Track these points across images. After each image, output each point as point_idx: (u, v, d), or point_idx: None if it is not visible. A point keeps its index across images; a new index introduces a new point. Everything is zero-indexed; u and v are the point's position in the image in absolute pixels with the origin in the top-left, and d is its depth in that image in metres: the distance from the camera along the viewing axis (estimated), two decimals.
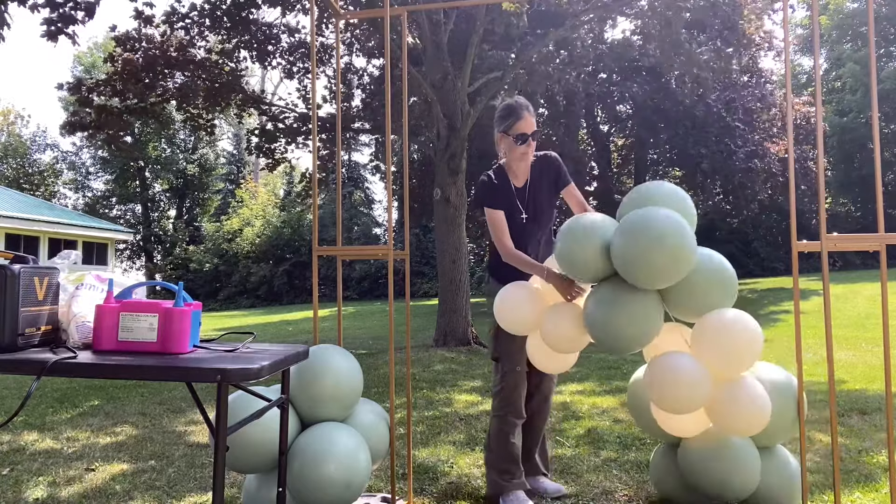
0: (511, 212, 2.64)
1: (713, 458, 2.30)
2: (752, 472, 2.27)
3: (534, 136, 2.61)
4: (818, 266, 14.46)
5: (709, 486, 2.32)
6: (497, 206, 2.61)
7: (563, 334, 2.37)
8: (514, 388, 2.62)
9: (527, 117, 2.58)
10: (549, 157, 2.74)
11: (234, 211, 29.81)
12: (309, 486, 2.12)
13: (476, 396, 4.98)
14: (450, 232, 8.52)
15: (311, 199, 13.18)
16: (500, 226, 2.60)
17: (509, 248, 2.57)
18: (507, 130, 2.60)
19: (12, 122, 33.74)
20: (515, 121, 2.58)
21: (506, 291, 2.52)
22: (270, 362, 1.54)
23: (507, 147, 2.63)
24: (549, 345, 2.45)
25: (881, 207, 2.16)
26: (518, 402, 2.63)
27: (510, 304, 2.50)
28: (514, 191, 2.67)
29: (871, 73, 2.10)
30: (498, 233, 2.60)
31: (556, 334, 2.39)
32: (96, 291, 1.75)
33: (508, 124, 2.59)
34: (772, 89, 15.71)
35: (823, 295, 2.12)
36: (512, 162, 2.66)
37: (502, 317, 2.51)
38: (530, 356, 2.62)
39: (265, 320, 16.03)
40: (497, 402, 2.66)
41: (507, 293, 2.51)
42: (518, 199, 2.66)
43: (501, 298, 2.51)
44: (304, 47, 10.85)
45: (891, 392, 1.98)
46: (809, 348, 6.72)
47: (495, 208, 2.61)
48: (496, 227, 2.60)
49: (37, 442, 3.89)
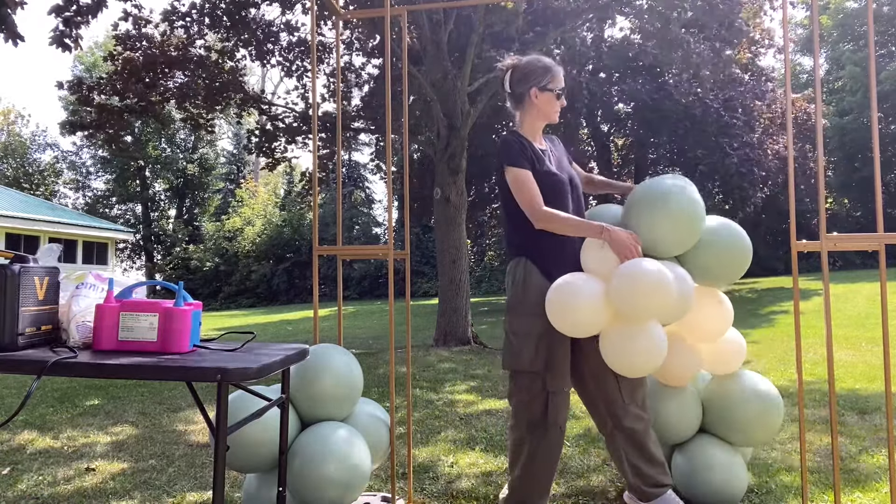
0: (552, 174, 2.32)
1: (704, 468, 2.43)
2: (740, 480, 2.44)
3: (563, 92, 2.43)
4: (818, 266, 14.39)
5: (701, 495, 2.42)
6: (524, 165, 2.26)
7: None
8: (559, 412, 2.24)
9: (559, 71, 2.40)
10: (554, 138, 2.57)
11: (235, 211, 29.82)
12: (309, 485, 2.12)
13: (476, 396, 4.98)
14: (450, 231, 8.52)
15: (311, 198, 13.11)
16: (531, 185, 2.22)
17: (543, 210, 2.19)
18: (546, 86, 2.35)
19: (12, 121, 33.74)
20: (554, 76, 2.37)
21: (568, 281, 2.11)
22: (270, 362, 1.54)
23: (544, 103, 2.37)
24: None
25: (880, 207, 2.16)
26: (563, 433, 2.27)
27: (580, 299, 2.05)
28: (541, 153, 2.36)
29: (870, 73, 2.10)
30: (527, 194, 2.21)
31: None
32: (96, 291, 1.75)
33: (547, 79, 2.35)
34: (772, 87, 15.70)
35: (823, 295, 2.12)
36: (537, 121, 2.40)
37: (564, 314, 2.07)
38: (611, 356, 2.11)
39: (265, 320, 16.03)
40: (540, 433, 2.22)
41: (570, 283, 2.09)
42: (551, 162, 2.38)
43: (562, 290, 2.08)
44: (304, 45, 10.85)
45: (891, 392, 1.98)
46: (809, 348, 6.72)
47: (522, 167, 2.25)
48: (526, 187, 2.22)
49: (37, 441, 3.89)
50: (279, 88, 36.95)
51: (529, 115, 2.40)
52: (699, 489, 2.43)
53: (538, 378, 2.21)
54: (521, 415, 2.26)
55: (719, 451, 2.45)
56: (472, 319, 8.66)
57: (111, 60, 10.11)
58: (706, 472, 2.41)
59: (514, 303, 2.29)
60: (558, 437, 2.25)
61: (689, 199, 2.20)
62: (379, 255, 2.62)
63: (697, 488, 2.43)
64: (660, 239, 2.21)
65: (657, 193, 2.22)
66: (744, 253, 2.30)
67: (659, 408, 2.48)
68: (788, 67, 2.29)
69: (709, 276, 2.32)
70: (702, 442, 2.50)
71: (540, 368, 2.20)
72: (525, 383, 2.24)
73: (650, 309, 1.97)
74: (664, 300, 1.97)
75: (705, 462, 2.43)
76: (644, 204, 2.24)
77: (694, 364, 2.42)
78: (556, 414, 2.22)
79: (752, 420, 2.41)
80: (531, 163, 2.28)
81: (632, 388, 2.26)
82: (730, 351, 2.48)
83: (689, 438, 2.53)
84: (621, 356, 2.07)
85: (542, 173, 2.28)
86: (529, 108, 2.39)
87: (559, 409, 2.22)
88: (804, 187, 15.56)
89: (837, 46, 23.55)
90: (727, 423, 2.46)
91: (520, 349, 2.24)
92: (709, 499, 2.42)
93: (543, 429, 2.23)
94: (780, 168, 14.97)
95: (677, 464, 2.52)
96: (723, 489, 2.41)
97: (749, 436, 2.45)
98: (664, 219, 2.19)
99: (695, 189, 2.29)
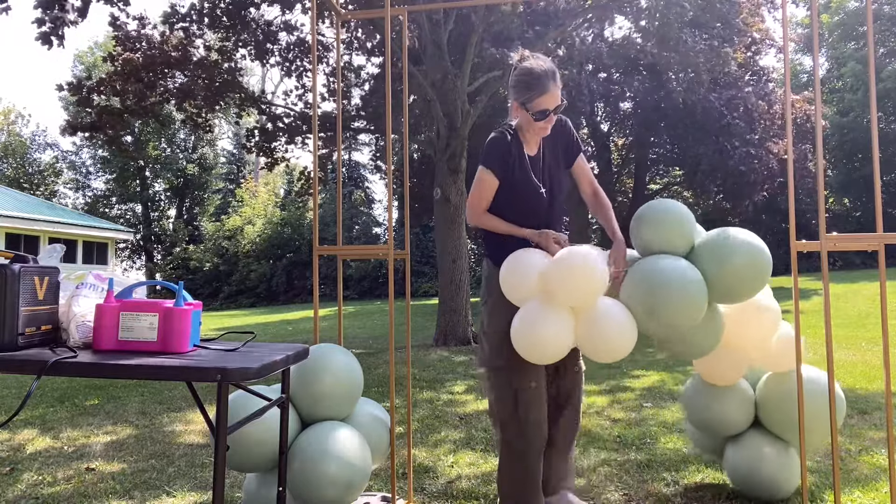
0: (527, 186, 2.26)
1: (759, 459, 2.49)
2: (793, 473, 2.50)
3: (556, 111, 2.19)
4: (818, 266, 14.44)
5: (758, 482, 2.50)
6: (495, 171, 2.23)
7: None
8: (529, 408, 2.17)
9: (552, 90, 2.14)
10: (561, 121, 2.35)
11: (235, 210, 29.82)
12: (309, 485, 2.12)
13: (476, 396, 4.98)
14: (450, 231, 8.52)
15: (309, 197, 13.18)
16: (483, 188, 2.24)
17: (481, 211, 2.26)
18: (526, 104, 2.17)
19: (12, 121, 33.73)
20: (538, 95, 2.15)
21: (517, 256, 2.15)
22: (270, 362, 1.54)
23: (523, 120, 2.24)
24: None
25: (880, 207, 2.16)
26: (538, 428, 2.19)
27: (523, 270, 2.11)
28: (527, 161, 2.27)
29: (870, 73, 2.10)
30: (476, 195, 2.26)
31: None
32: (96, 291, 1.75)
33: (528, 98, 2.16)
34: (773, 87, 15.69)
35: (823, 295, 2.12)
36: (526, 131, 2.28)
37: (510, 287, 2.13)
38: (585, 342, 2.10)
39: (265, 320, 16.03)
40: (513, 430, 2.19)
41: (518, 258, 2.14)
42: (533, 172, 2.28)
43: (512, 265, 2.14)
44: (303, 45, 10.85)
45: (891, 392, 1.98)
46: (809, 348, 6.72)
47: (492, 171, 2.23)
48: (479, 187, 2.25)
49: (37, 441, 3.89)
50: (279, 88, 36.96)
51: (519, 122, 2.30)
52: (750, 480, 2.50)
53: (503, 375, 2.21)
54: (494, 413, 2.27)
55: (769, 446, 2.50)
56: (472, 319, 8.66)
57: (111, 61, 10.12)
58: (757, 463, 2.48)
59: (482, 302, 2.37)
60: (534, 432, 2.19)
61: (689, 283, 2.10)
62: (379, 255, 2.62)
63: (748, 480, 2.51)
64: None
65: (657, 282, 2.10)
66: (764, 268, 2.20)
67: (710, 404, 2.54)
68: (788, 67, 2.29)
69: (733, 297, 2.25)
70: (755, 436, 2.55)
71: (503, 365, 2.20)
72: (493, 381, 2.25)
73: (578, 283, 2.00)
74: (591, 276, 2.00)
75: (756, 455, 2.49)
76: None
77: (740, 365, 2.47)
78: (526, 410, 2.18)
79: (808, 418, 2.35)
80: (504, 169, 2.24)
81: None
82: (782, 349, 2.48)
83: (743, 432, 2.58)
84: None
85: (514, 180, 2.25)
86: (514, 117, 2.31)
87: (529, 405, 2.18)
88: (804, 187, 15.55)
89: (839, 45, 23.54)
90: (780, 421, 2.49)
91: (486, 347, 2.28)
92: (760, 491, 2.50)
93: (517, 425, 2.20)
94: (780, 168, 14.97)
95: (728, 456, 2.60)
96: (773, 483, 2.46)
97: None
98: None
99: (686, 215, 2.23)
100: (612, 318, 2.06)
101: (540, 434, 2.21)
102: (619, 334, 2.04)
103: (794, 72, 24.36)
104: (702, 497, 2.61)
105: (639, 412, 4.21)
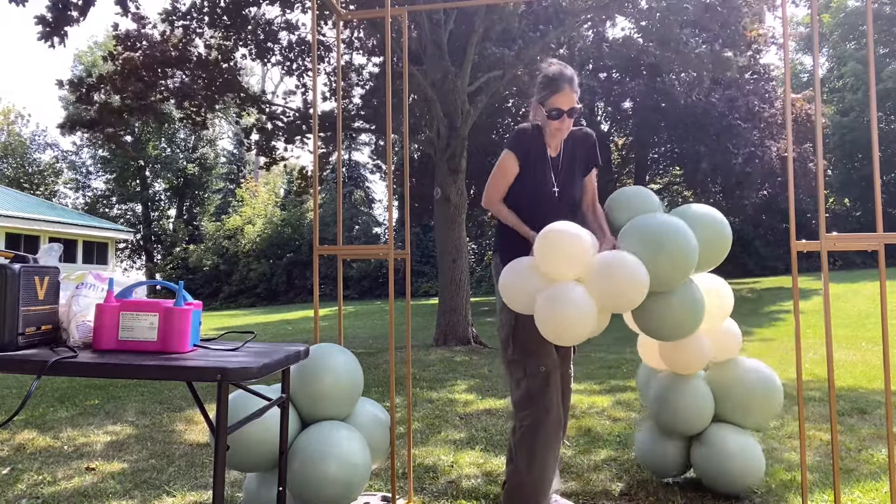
0: (542, 182, 2.36)
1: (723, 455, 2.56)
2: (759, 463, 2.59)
3: (570, 114, 2.32)
4: (818, 265, 14.44)
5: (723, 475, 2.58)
6: (518, 155, 2.34)
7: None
8: (544, 388, 2.24)
9: (566, 91, 2.30)
10: (586, 133, 2.50)
11: (235, 210, 29.83)
12: (309, 485, 2.12)
13: (476, 395, 4.99)
14: (450, 231, 8.52)
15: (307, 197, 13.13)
16: (505, 173, 2.35)
17: (498, 197, 2.38)
18: (542, 102, 2.34)
19: (12, 121, 33.73)
20: (552, 93, 2.31)
21: (515, 265, 2.22)
22: (270, 361, 1.54)
23: (541, 119, 2.38)
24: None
25: (880, 207, 2.16)
26: (554, 404, 2.25)
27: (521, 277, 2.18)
28: (548, 159, 2.39)
29: (870, 73, 2.10)
30: (497, 178, 2.37)
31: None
32: (96, 291, 1.75)
33: (544, 95, 2.33)
34: (773, 86, 15.69)
35: (823, 294, 2.12)
36: (545, 132, 2.40)
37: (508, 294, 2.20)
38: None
39: (265, 320, 16.03)
40: (529, 410, 2.25)
41: (516, 266, 2.21)
42: (552, 170, 2.39)
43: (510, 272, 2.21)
44: (304, 45, 10.84)
45: (891, 391, 1.98)
46: (809, 348, 6.72)
47: (515, 154, 2.34)
48: (501, 171, 2.36)
49: (37, 441, 3.89)
50: (279, 88, 36.94)
51: (541, 122, 2.40)
52: (721, 478, 2.57)
53: (520, 365, 2.31)
54: (514, 401, 2.37)
55: (734, 436, 2.57)
56: (472, 319, 8.67)
57: (111, 60, 10.12)
58: (727, 460, 2.54)
59: (496, 297, 2.44)
60: (543, 418, 2.22)
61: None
62: (379, 254, 2.62)
63: (719, 477, 2.57)
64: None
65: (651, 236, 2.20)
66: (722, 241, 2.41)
67: (675, 400, 2.62)
68: (788, 67, 2.29)
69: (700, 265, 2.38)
70: (717, 431, 2.62)
71: (519, 356, 2.31)
72: (512, 371, 2.35)
73: (565, 248, 2.06)
74: (574, 239, 2.07)
75: (724, 450, 2.55)
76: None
77: (703, 352, 2.55)
78: (540, 396, 2.24)
79: (758, 398, 2.58)
80: (526, 158, 2.35)
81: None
82: (730, 338, 2.69)
83: (705, 429, 2.66)
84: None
85: (532, 173, 2.36)
86: (535, 117, 2.43)
87: (543, 391, 2.24)
88: (804, 187, 15.54)
89: (839, 45, 23.53)
90: (736, 406, 2.60)
91: (502, 339, 2.39)
92: (731, 486, 2.56)
93: (532, 411, 2.25)
94: (780, 168, 14.97)
95: (696, 456, 2.67)
96: (744, 473, 2.54)
97: (756, 415, 2.60)
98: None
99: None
100: (617, 264, 2.08)
101: (555, 423, 2.24)
102: (630, 275, 2.05)
103: (794, 71, 24.36)
104: (702, 497, 2.61)
105: (640, 412, 4.22)
